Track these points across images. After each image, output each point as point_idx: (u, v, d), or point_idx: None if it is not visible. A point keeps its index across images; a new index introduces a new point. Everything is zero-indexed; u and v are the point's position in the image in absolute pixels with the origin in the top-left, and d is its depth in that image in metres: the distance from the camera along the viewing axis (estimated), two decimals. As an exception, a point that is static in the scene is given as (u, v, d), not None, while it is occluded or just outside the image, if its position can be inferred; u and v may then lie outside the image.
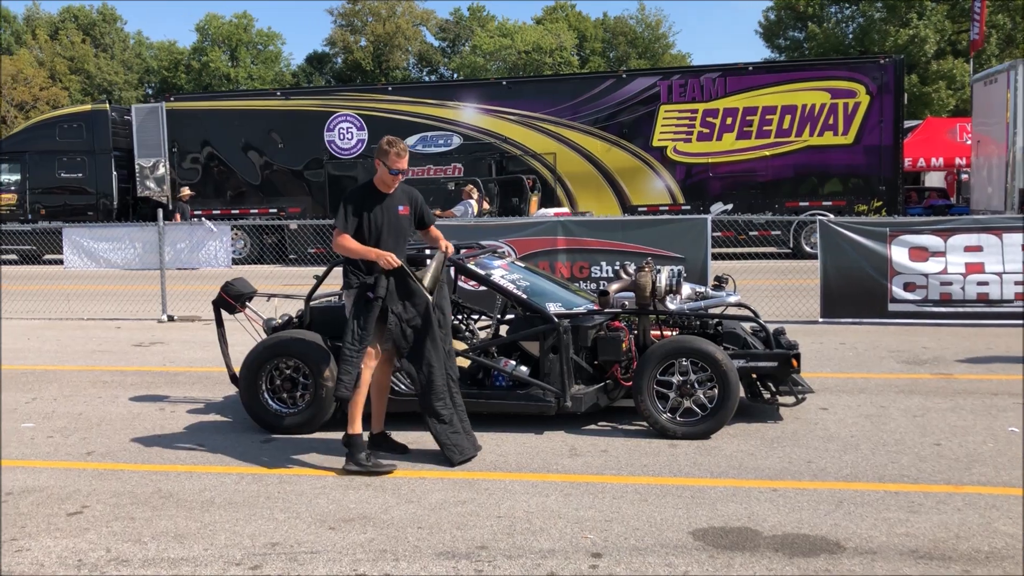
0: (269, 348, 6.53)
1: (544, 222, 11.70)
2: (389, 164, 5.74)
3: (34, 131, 24.02)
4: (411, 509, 4.93)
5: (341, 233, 5.67)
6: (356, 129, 21.49)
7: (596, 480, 5.34)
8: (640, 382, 6.13)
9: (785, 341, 6.63)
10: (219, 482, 5.49)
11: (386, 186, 5.85)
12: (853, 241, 10.76)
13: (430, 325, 5.64)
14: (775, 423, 6.49)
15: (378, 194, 5.84)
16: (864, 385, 7.70)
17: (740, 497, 4.99)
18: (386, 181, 5.82)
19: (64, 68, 55.16)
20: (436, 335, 5.67)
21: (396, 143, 5.85)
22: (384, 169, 5.78)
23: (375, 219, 5.78)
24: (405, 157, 5.88)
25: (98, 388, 8.29)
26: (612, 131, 20.51)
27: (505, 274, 6.81)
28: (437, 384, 5.69)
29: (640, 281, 6.47)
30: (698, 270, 11.13)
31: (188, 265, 12.43)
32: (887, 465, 5.48)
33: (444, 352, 5.74)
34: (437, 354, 5.69)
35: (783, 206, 19.91)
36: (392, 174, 5.79)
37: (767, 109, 19.81)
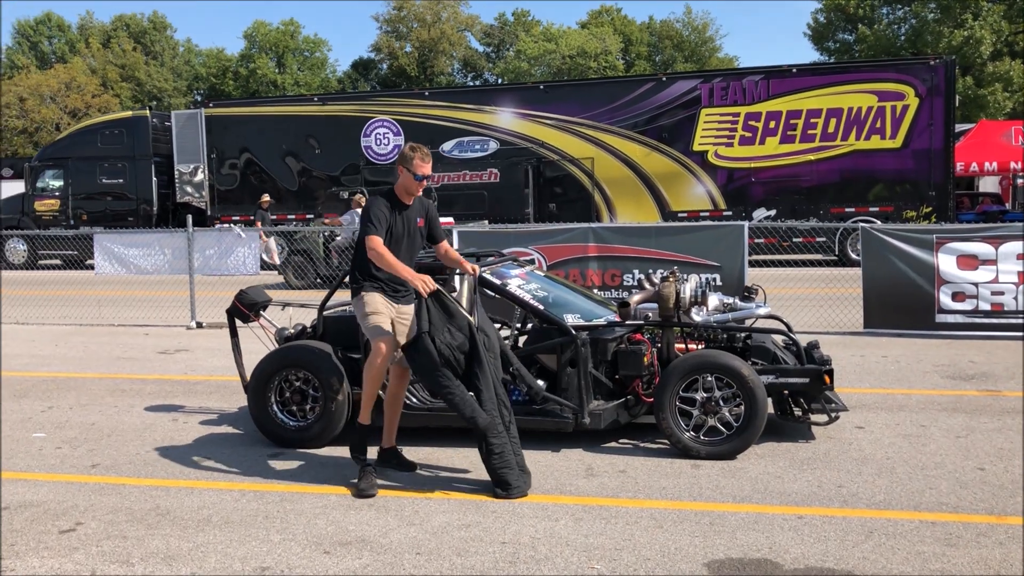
0: (278, 359, 6.34)
1: (575, 228, 11.40)
2: (414, 170, 5.51)
3: (76, 137, 24.33)
4: (412, 533, 4.68)
5: (374, 237, 5.38)
6: (392, 134, 21.38)
7: (610, 504, 5.04)
8: (662, 398, 5.82)
9: (818, 356, 6.26)
10: (219, 499, 5.29)
11: (408, 195, 5.62)
12: (898, 249, 10.31)
13: (477, 349, 5.28)
14: (806, 443, 6.13)
15: (399, 203, 5.61)
16: (905, 402, 7.29)
17: (762, 525, 4.66)
18: (409, 188, 5.59)
19: (115, 76, 56.18)
20: (483, 358, 5.28)
21: (419, 148, 5.63)
22: (408, 175, 5.54)
23: (396, 230, 5.55)
24: (429, 162, 5.66)
25: (116, 397, 8.18)
26: (651, 135, 20.14)
27: (523, 284, 6.54)
28: (486, 410, 5.28)
29: (664, 292, 6.16)
30: (734, 279, 10.77)
31: (217, 272, 12.35)
32: (924, 491, 5.11)
33: (493, 377, 5.34)
34: (485, 379, 5.28)
35: (828, 212, 19.37)
36: (417, 180, 5.56)
37: (812, 112, 19.28)
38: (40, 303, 14.03)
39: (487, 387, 5.29)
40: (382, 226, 5.44)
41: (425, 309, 5.24)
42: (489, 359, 5.35)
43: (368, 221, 5.46)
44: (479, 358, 5.29)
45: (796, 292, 12.50)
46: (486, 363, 5.30)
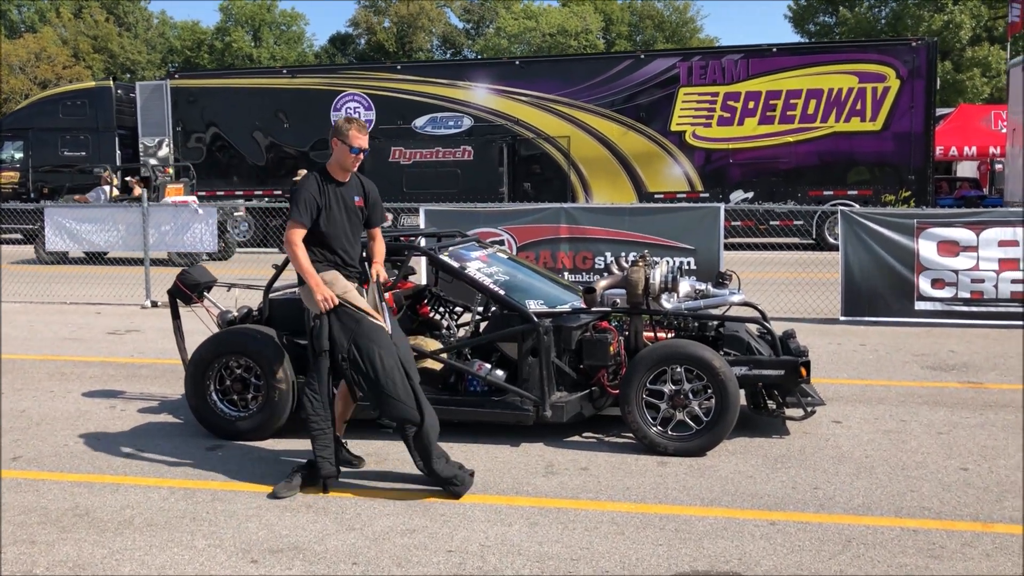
0: (217, 344, 5.91)
1: (546, 208, 10.99)
2: (349, 141, 5.01)
3: (37, 107, 23.56)
4: (350, 539, 4.28)
5: (295, 226, 4.91)
6: (364, 109, 20.82)
7: (569, 506, 4.67)
8: (627, 391, 5.45)
9: (794, 346, 5.90)
10: (145, 498, 4.87)
11: (343, 171, 5.11)
12: (877, 233, 9.97)
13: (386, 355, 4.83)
14: (780, 439, 5.78)
15: (333, 182, 5.11)
16: (884, 394, 6.96)
17: (732, 532, 4.30)
18: (344, 164, 5.09)
19: (88, 47, 54.95)
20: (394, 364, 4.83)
21: (354, 119, 5.17)
22: (343, 148, 5.03)
23: (332, 213, 5.03)
24: (366, 134, 5.19)
25: (54, 381, 7.71)
26: (629, 114, 19.71)
27: (483, 267, 6.13)
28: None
29: (632, 277, 5.77)
30: (710, 263, 10.40)
31: (173, 248, 11.83)
32: (905, 495, 4.77)
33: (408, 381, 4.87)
34: (401, 387, 4.82)
35: (806, 195, 19.05)
36: (353, 153, 5.06)
37: (791, 93, 18.92)
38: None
39: (403, 395, 4.79)
40: (307, 212, 4.92)
41: (325, 327, 4.82)
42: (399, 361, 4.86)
43: (292, 205, 4.98)
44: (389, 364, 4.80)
45: (772, 277, 12.16)
46: (397, 369, 4.81)
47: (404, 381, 4.79)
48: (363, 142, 5.11)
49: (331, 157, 5.14)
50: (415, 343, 6.03)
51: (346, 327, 4.83)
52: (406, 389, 4.78)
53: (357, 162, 5.14)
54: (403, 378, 4.79)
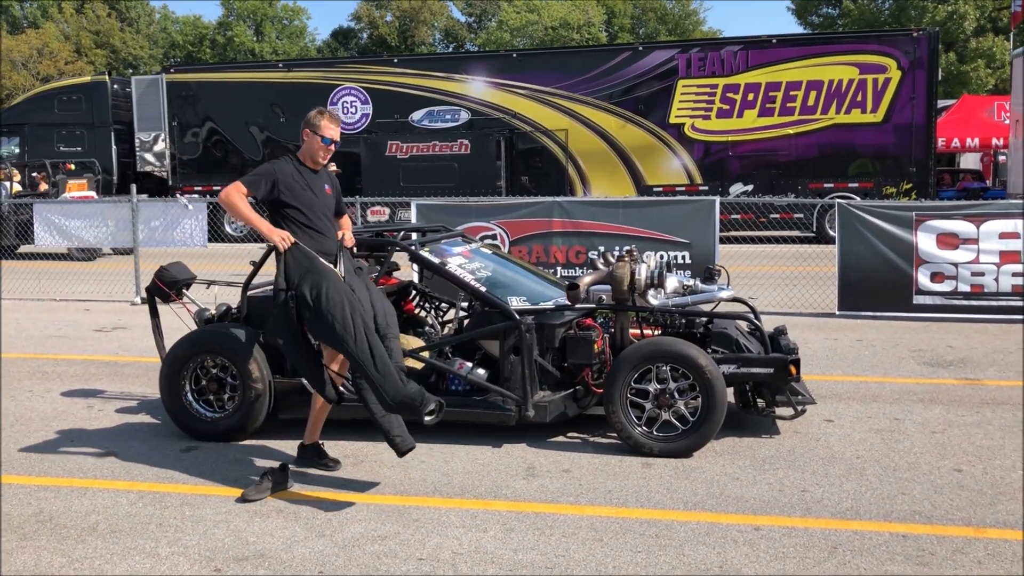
0: (192, 344, 5.77)
1: (539, 202, 10.83)
2: (320, 131, 4.98)
3: (33, 103, 23.39)
4: (319, 546, 4.14)
5: (239, 188, 4.87)
6: (360, 103, 20.65)
7: (548, 510, 4.52)
8: (611, 390, 5.29)
9: (784, 343, 5.75)
10: (113, 502, 4.73)
11: (314, 161, 5.09)
12: (875, 226, 9.79)
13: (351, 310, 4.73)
14: (770, 438, 5.62)
15: (306, 170, 5.08)
16: (878, 391, 6.80)
17: (714, 537, 4.15)
18: (315, 154, 5.05)
19: (89, 42, 54.83)
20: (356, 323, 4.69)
21: (326, 110, 5.13)
22: (315, 139, 5.01)
23: (306, 198, 5.00)
24: (338, 125, 5.12)
25: (35, 380, 7.59)
26: (627, 107, 19.51)
27: (465, 262, 5.97)
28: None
29: (617, 273, 5.61)
30: (705, 257, 10.24)
31: (163, 244, 11.70)
32: (896, 497, 4.61)
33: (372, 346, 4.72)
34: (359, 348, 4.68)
35: (806, 187, 18.86)
36: (324, 143, 5.01)
37: (791, 85, 18.70)
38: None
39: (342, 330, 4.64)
40: (260, 185, 4.90)
41: (283, 265, 4.81)
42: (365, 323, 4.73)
43: (249, 173, 5.01)
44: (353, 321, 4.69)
45: (770, 270, 12.01)
46: (360, 328, 4.67)
47: (345, 314, 4.63)
48: (334, 133, 5.08)
49: (302, 147, 5.06)
50: (396, 341, 5.88)
51: (300, 265, 4.80)
52: (344, 323, 4.62)
53: (328, 153, 5.11)
54: (346, 313, 4.64)
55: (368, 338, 4.64)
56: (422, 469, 5.15)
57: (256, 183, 4.91)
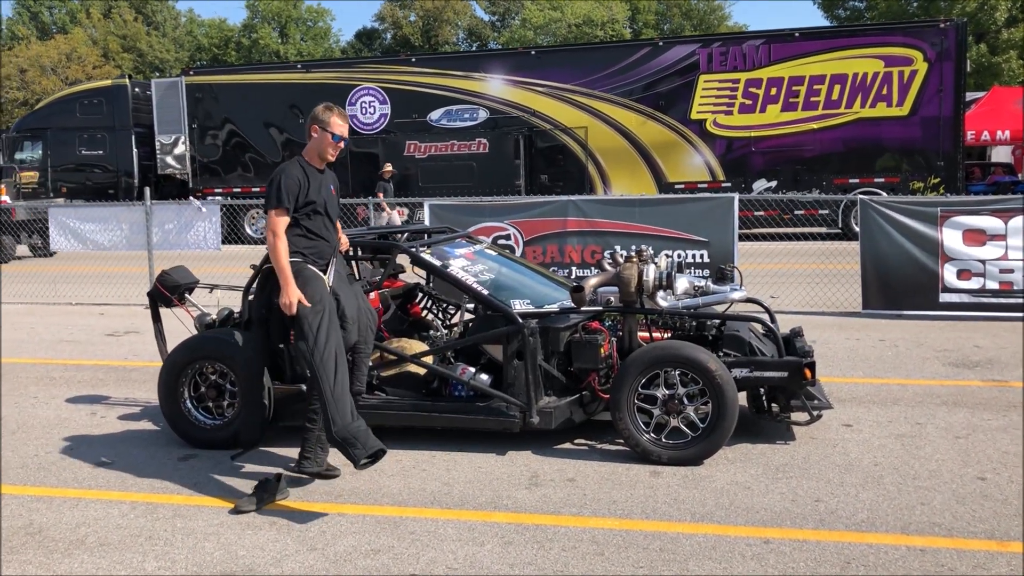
0: (189, 350, 5.65)
1: (554, 201, 10.65)
2: (331, 129, 4.86)
3: (55, 107, 23.54)
4: (310, 560, 4.00)
5: (281, 214, 4.72)
6: (379, 103, 20.57)
7: (549, 522, 4.34)
8: (618, 395, 5.11)
9: (800, 346, 5.53)
10: (104, 514, 4.61)
11: (321, 159, 4.96)
12: (899, 223, 9.53)
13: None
14: (784, 444, 5.41)
15: (312, 170, 4.94)
16: (900, 394, 6.56)
17: (722, 551, 3.96)
18: (324, 151, 4.92)
19: (117, 46, 55.37)
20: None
21: (334, 106, 4.99)
22: (324, 136, 4.87)
23: (319, 200, 4.88)
24: (347, 122, 5.04)
25: (41, 386, 7.52)
26: (647, 103, 19.28)
27: (467, 264, 5.81)
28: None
29: (624, 274, 5.42)
30: (723, 255, 10.03)
31: (177, 247, 11.65)
32: (915, 507, 4.39)
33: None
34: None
35: (831, 183, 18.53)
36: (335, 140, 4.90)
37: (815, 79, 18.38)
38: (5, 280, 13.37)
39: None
40: (289, 197, 4.75)
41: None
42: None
43: (274, 190, 4.76)
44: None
45: (792, 268, 11.76)
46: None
47: (322, 329, 4.62)
48: (344, 130, 4.98)
49: (308, 145, 4.94)
50: (397, 346, 5.75)
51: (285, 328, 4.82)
52: (317, 336, 4.60)
53: (337, 151, 5.02)
54: (322, 326, 4.62)
55: (336, 359, 4.56)
56: (422, 478, 4.99)
57: (285, 197, 4.73)
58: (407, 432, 5.60)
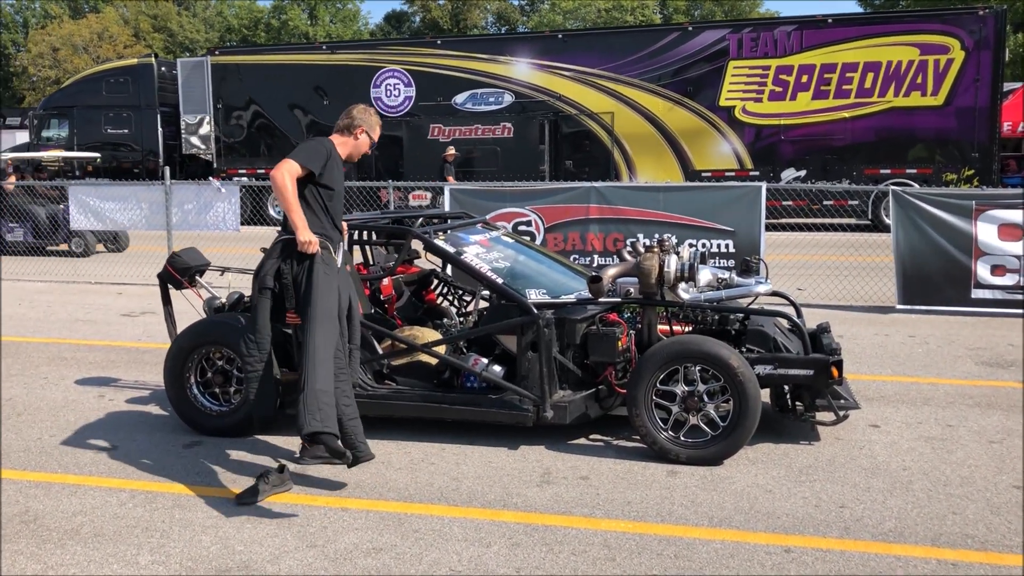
0: (195, 335, 5.52)
1: (576, 187, 10.42)
2: (374, 136, 4.96)
3: (82, 85, 23.52)
4: (308, 558, 3.84)
5: (294, 166, 4.56)
6: (403, 85, 20.37)
7: (559, 523, 4.16)
8: (635, 391, 4.91)
9: (827, 342, 5.30)
10: (103, 502, 4.49)
11: (350, 156, 4.93)
12: (932, 215, 9.23)
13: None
14: (808, 445, 5.19)
15: (338, 156, 4.87)
16: (931, 394, 6.31)
17: (740, 559, 3.76)
18: (360, 153, 4.94)
19: (148, 26, 55.60)
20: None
21: (375, 111, 5.04)
22: (366, 140, 4.93)
23: (337, 183, 4.81)
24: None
25: (52, 366, 7.43)
26: (675, 89, 18.94)
27: (482, 251, 5.62)
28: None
29: (644, 265, 5.22)
30: (750, 246, 9.78)
31: (196, 228, 11.55)
32: (946, 517, 4.17)
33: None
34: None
35: (862, 174, 18.14)
36: (372, 146, 5.02)
37: (847, 66, 17.95)
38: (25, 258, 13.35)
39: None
40: (315, 160, 4.64)
41: (288, 266, 4.64)
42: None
43: (304, 150, 4.67)
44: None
45: (820, 260, 11.48)
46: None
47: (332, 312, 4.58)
48: (378, 135, 5.03)
49: (348, 140, 4.88)
50: (409, 334, 5.58)
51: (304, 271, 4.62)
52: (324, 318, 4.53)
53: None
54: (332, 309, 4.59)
55: (334, 350, 4.54)
56: (430, 472, 4.83)
57: (314, 159, 4.64)
58: (417, 423, 5.43)
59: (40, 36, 47.93)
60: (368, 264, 6.27)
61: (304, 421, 4.27)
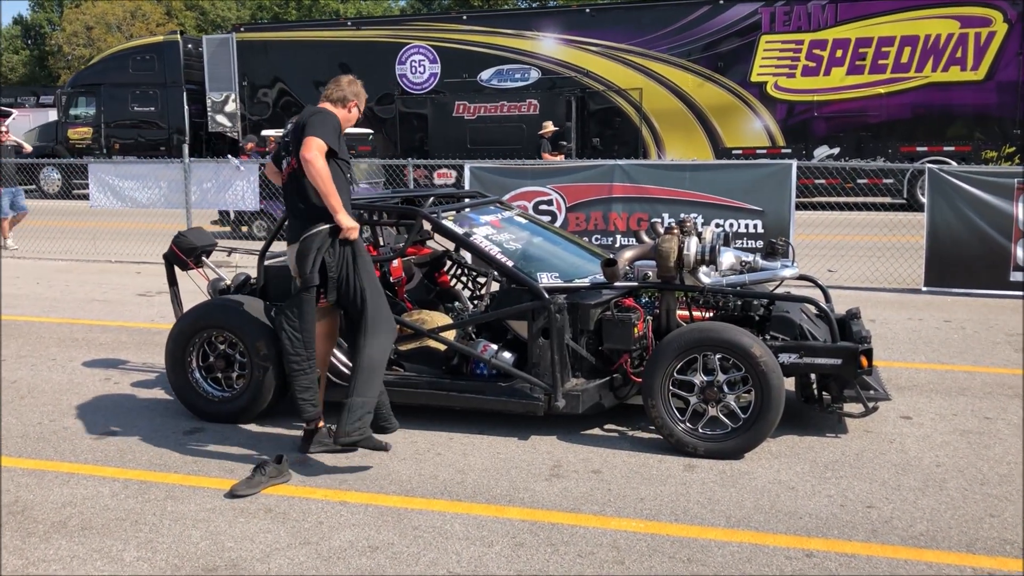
0: (197, 318, 5.34)
1: (599, 165, 10.14)
2: (361, 110, 4.80)
3: (108, 63, 23.49)
4: (300, 556, 3.65)
5: (322, 143, 4.35)
6: (429, 62, 20.07)
7: (567, 521, 3.94)
8: (651, 381, 4.67)
9: (856, 329, 5.01)
10: (95, 492, 4.33)
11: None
12: (969, 194, 8.85)
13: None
14: (835, 438, 4.92)
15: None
16: (967, 383, 5.99)
17: (757, 565, 3.52)
18: (347, 125, 4.70)
19: (180, 4, 55.61)
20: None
21: (362, 85, 4.85)
22: (356, 115, 4.78)
23: (344, 164, 4.66)
24: None
25: (62, 347, 7.32)
26: (706, 64, 18.48)
27: (493, 232, 5.38)
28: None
29: (662, 247, 4.95)
30: (779, 226, 9.46)
31: (215, 206, 11.41)
32: (982, 520, 3.89)
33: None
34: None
35: (898, 151, 17.61)
36: (360, 119, 4.90)
37: (884, 40, 17.39)
38: (47, 235, 13.29)
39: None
40: (336, 140, 4.46)
41: (318, 259, 4.45)
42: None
43: (330, 129, 4.44)
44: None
45: (853, 240, 11.13)
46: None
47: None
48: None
49: (342, 115, 4.66)
50: (417, 318, 5.36)
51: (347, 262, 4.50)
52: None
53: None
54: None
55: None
56: (435, 463, 4.62)
57: (335, 135, 4.46)
58: (426, 411, 5.22)
59: (74, 15, 48.27)
60: (378, 245, 6.05)
61: (345, 429, 4.30)
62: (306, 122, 4.46)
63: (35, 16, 58.22)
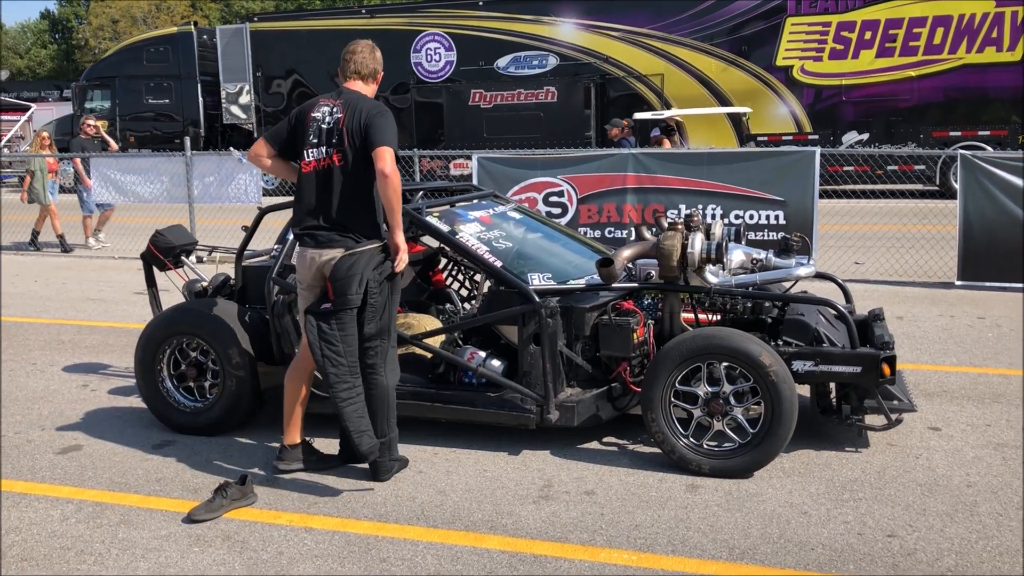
0: (167, 323, 5.00)
1: (612, 154, 9.70)
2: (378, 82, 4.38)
3: (123, 55, 23.32)
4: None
5: (393, 156, 3.93)
6: (444, 50, 19.68)
7: (551, 553, 3.54)
8: (651, 392, 4.26)
9: (879, 334, 4.56)
10: (44, 516, 4.00)
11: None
12: (1005, 182, 8.33)
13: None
14: (855, 453, 4.49)
15: None
16: (1002, 388, 5.52)
17: (761, 607, 3.11)
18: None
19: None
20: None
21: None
22: (375, 87, 4.33)
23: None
24: None
25: (47, 350, 7.03)
26: (729, 48, 17.94)
27: (482, 230, 4.98)
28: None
29: (664, 244, 4.52)
30: (802, 216, 8.99)
31: (217, 200, 11.11)
32: (1018, 553, 3.45)
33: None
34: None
35: (930, 136, 16.99)
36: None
37: (915, 21, 16.76)
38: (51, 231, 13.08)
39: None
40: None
41: (364, 279, 4.01)
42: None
43: (390, 129, 3.99)
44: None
45: (882, 229, 10.62)
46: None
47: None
48: None
49: (373, 90, 4.27)
50: (402, 323, 4.98)
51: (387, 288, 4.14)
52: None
53: None
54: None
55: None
56: (414, 483, 4.25)
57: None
58: (410, 423, 4.83)
59: (100, 8, 48.41)
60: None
61: (387, 466, 4.23)
62: (370, 123, 3.96)
63: (62, 10, 58.52)
